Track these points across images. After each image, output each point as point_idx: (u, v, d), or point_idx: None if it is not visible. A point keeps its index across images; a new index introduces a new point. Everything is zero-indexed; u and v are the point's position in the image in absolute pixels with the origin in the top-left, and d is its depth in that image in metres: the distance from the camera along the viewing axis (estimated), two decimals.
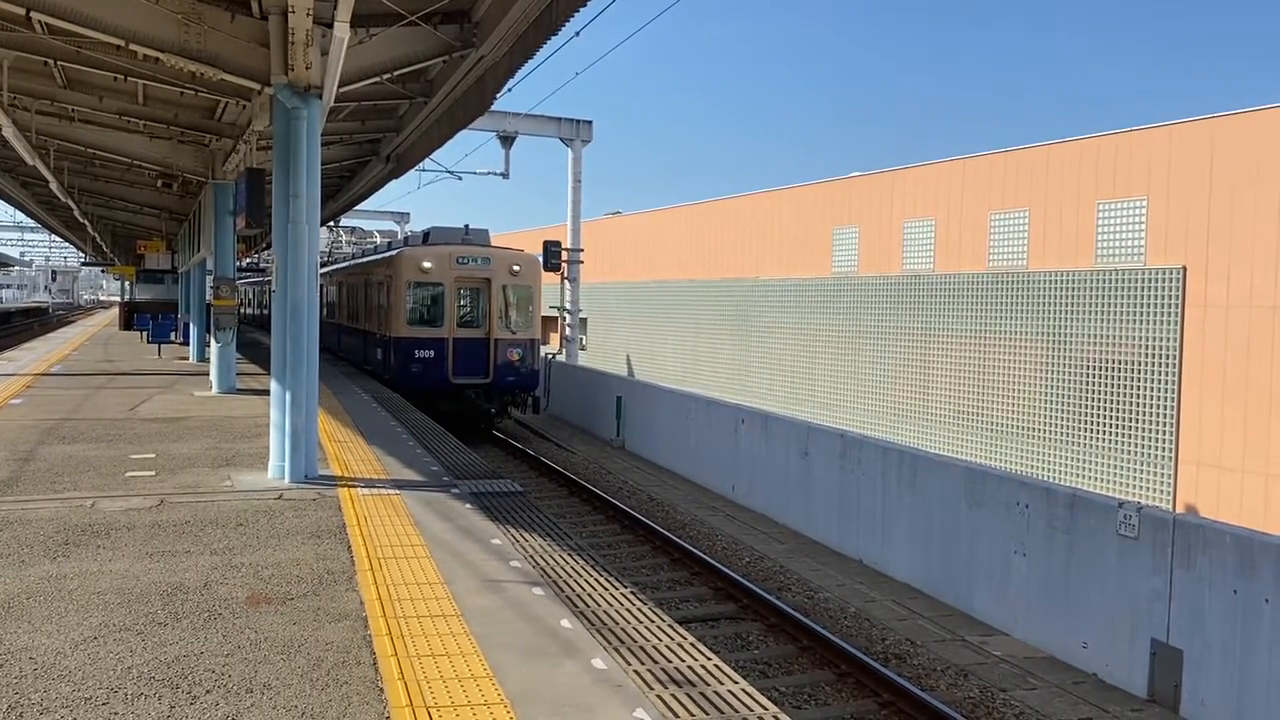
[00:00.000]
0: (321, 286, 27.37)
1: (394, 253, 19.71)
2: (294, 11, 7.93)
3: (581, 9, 8.44)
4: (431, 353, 18.18)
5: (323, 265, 28.49)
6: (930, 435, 20.80)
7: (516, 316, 18.90)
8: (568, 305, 27.97)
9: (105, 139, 14.95)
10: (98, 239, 34.76)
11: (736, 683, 5.17)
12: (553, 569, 6.83)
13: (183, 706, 4.10)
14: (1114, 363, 17.19)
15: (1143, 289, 16.77)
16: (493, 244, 20.03)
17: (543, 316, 20.19)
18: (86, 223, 27.47)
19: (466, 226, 19.86)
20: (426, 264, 18.29)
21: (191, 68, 8.96)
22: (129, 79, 11.27)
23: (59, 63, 10.91)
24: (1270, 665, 7.20)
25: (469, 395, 18.41)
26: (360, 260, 24.63)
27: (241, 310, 39.73)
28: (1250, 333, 15.19)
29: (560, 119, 27.71)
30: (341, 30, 7.35)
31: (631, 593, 6.53)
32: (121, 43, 8.76)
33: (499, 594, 5.69)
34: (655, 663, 5.34)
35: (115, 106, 13.03)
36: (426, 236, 20.00)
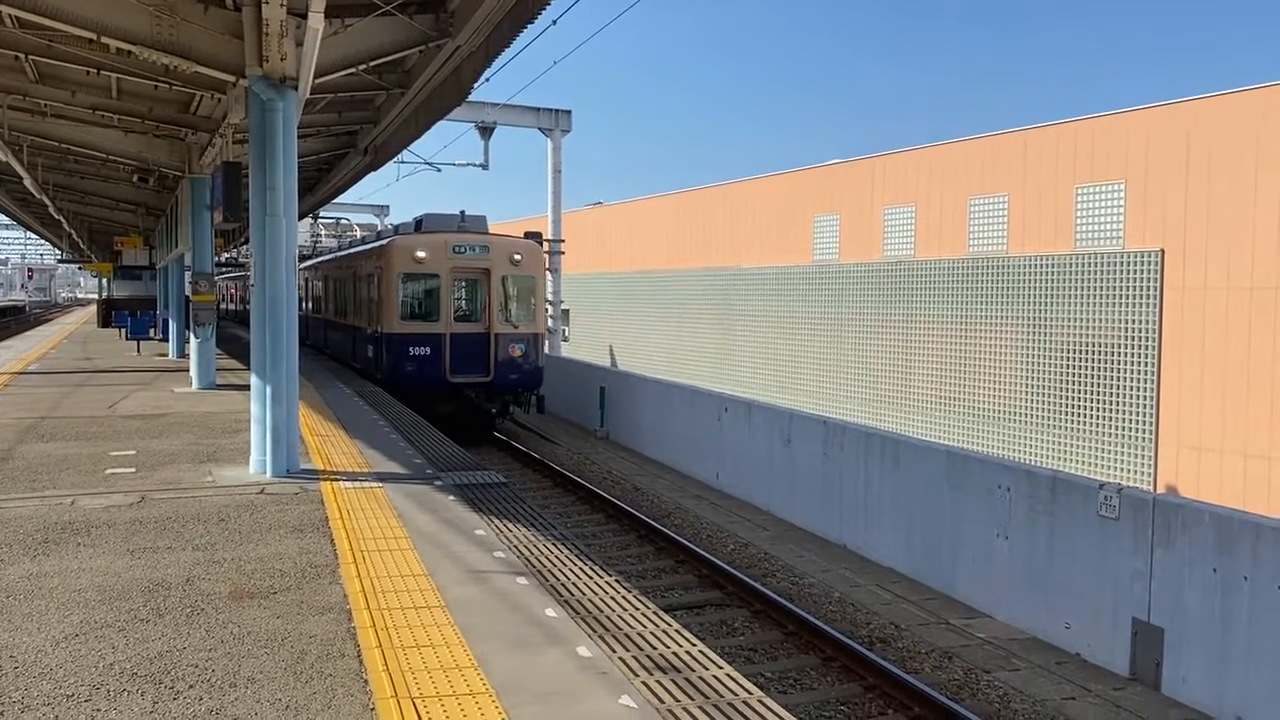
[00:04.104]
0: (306, 280, 27.03)
1: (384, 242, 18.45)
2: (267, 2, 7.88)
3: None
4: (427, 350, 17.03)
5: (305, 258, 28.05)
6: (913, 420, 20.91)
7: (518, 309, 17.64)
8: (549, 297, 27.92)
9: (79, 134, 14.74)
10: (74, 236, 34.38)
11: (722, 668, 5.19)
12: (537, 559, 6.83)
13: (165, 702, 4.08)
14: (1094, 346, 17.32)
15: (1121, 272, 16.90)
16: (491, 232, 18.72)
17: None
18: (62, 219, 27.14)
19: (462, 213, 18.39)
20: (421, 254, 17.11)
21: (165, 61, 8.87)
22: (102, 73, 11.14)
23: (30, 57, 10.77)
24: (1250, 642, 7.29)
25: (468, 394, 17.30)
26: (348, 252, 23.18)
27: (220, 305, 39.45)
28: (1228, 315, 15.33)
29: (539, 109, 27.61)
30: (316, 21, 7.29)
31: (616, 581, 6.54)
32: (93, 36, 8.67)
33: (483, 584, 5.69)
34: (640, 650, 5.35)
35: (89, 101, 12.86)
36: (419, 224, 18.58)
